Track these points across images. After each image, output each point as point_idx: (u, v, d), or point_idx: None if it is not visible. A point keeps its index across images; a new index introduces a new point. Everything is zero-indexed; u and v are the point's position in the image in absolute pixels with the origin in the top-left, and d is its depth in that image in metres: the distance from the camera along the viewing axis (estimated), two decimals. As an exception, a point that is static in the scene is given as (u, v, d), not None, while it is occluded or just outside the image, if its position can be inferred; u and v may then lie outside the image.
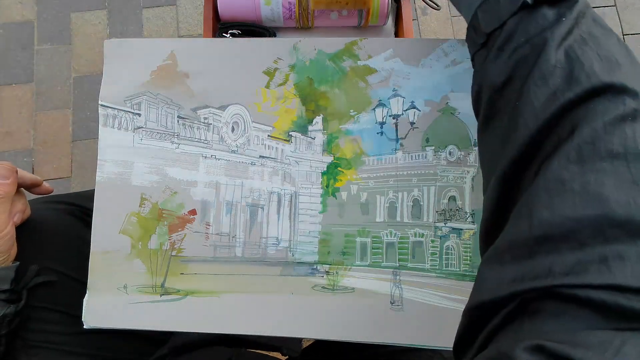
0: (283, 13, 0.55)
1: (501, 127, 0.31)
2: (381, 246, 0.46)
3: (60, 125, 1.08)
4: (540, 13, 0.31)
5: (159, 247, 0.46)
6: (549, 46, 0.29)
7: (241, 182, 0.47)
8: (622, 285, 0.21)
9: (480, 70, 0.34)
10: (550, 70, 0.29)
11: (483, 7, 0.34)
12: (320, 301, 0.45)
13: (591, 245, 0.23)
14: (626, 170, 0.24)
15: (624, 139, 0.25)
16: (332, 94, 0.48)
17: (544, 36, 0.30)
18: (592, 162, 0.25)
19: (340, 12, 0.56)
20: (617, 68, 0.27)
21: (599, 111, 0.26)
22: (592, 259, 0.22)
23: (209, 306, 0.45)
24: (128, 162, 0.47)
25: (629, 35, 1.16)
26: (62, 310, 0.46)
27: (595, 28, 0.30)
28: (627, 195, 0.23)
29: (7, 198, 0.41)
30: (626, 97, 0.26)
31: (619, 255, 0.22)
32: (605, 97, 0.26)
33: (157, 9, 1.15)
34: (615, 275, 0.22)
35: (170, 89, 0.48)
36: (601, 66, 0.27)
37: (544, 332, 0.22)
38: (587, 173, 0.25)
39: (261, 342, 0.53)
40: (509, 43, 0.31)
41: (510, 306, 0.24)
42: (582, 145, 0.25)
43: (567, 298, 0.22)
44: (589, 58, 0.28)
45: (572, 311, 0.22)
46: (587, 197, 0.24)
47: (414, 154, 0.47)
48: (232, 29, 0.56)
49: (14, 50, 1.11)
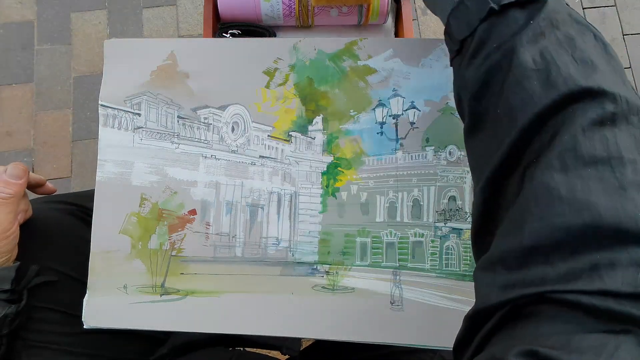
0: (283, 10, 0.55)
1: (484, 134, 0.31)
2: (381, 246, 0.46)
3: (60, 125, 1.08)
4: (510, 17, 0.30)
5: (159, 247, 0.46)
6: (519, 51, 0.29)
7: (241, 182, 0.47)
8: (613, 291, 0.21)
9: (457, 76, 0.34)
10: (525, 75, 0.28)
11: (454, 14, 0.33)
12: (320, 301, 0.45)
13: (582, 253, 0.23)
14: (611, 175, 0.24)
15: (606, 143, 0.25)
16: (332, 94, 0.48)
17: (514, 41, 0.29)
18: (576, 169, 0.25)
19: (340, 9, 0.56)
20: (594, 71, 0.27)
21: (578, 116, 0.26)
22: (583, 266, 0.22)
23: (209, 306, 0.45)
24: (128, 162, 0.47)
25: (629, 35, 1.16)
26: (63, 310, 0.46)
27: (570, 27, 0.29)
28: (615, 201, 0.23)
29: (16, 198, 0.41)
30: (604, 100, 0.26)
31: (609, 263, 0.22)
32: (584, 102, 0.26)
33: (157, 9, 1.15)
34: (606, 282, 0.22)
35: (170, 89, 0.48)
36: (578, 69, 0.27)
37: (538, 336, 0.22)
38: (573, 180, 0.24)
39: (260, 341, 0.53)
40: (480, 50, 0.31)
41: (502, 311, 0.24)
42: (564, 153, 0.25)
43: (558, 302, 0.22)
44: (565, 61, 0.27)
45: (564, 314, 0.22)
46: (575, 204, 0.24)
47: (414, 154, 0.47)
48: (232, 29, 0.56)
49: (14, 50, 1.11)
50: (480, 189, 0.30)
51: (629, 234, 0.22)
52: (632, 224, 0.22)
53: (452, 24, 0.34)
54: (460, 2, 0.32)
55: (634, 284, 0.21)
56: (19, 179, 0.41)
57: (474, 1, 0.31)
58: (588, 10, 1.17)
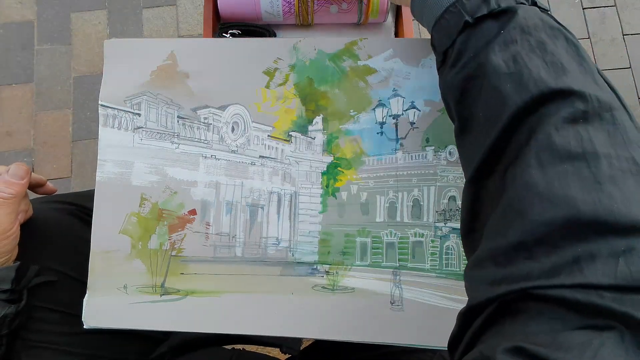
0: (282, 7, 0.55)
1: (470, 136, 0.33)
2: (381, 246, 0.46)
3: (60, 125, 1.08)
4: (484, 28, 0.32)
5: (159, 247, 0.46)
6: (492, 58, 0.31)
7: (241, 182, 0.47)
8: (593, 284, 0.22)
9: (442, 83, 0.36)
10: (499, 79, 0.30)
11: (436, 27, 0.36)
12: (320, 301, 0.45)
13: (563, 247, 0.23)
14: (587, 170, 0.25)
15: (580, 140, 0.26)
16: (332, 94, 0.48)
17: (487, 49, 0.32)
18: (553, 165, 0.26)
19: (340, 6, 0.55)
20: (563, 73, 0.28)
21: (551, 116, 0.27)
22: (566, 260, 0.23)
23: (209, 306, 0.45)
24: (128, 162, 0.47)
25: (629, 35, 1.16)
26: (62, 310, 0.46)
27: (542, 32, 0.31)
28: (592, 195, 0.24)
29: (18, 198, 0.41)
30: (574, 99, 0.27)
31: (590, 255, 0.22)
32: (555, 102, 0.27)
33: (157, 9, 1.15)
34: (586, 275, 0.22)
35: (170, 89, 0.48)
36: (548, 72, 0.29)
37: (525, 333, 0.23)
38: (550, 176, 0.25)
39: (261, 339, 0.53)
40: (459, 59, 0.34)
41: (491, 308, 0.25)
42: (540, 151, 0.26)
43: (543, 298, 0.23)
44: (536, 65, 0.29)
45: (549, 311, 0.23)
46: (554, 199, 0.24)
47: (414, 154, 0.47)
48: (232, 29, 0.56)
49: (14, 50, 1.11)
50: (465, 188, 0.32)
51: (607, 225, 0.23)
52: (610, 216, 0.23)
53: (435, 37, 0.37)
54: (441, 16, 0.35)
55: (613, 275, 0.22)
56: (21, 179, 0.41)
57: (452, 15, 0.34)
58: (588, 10, 1.17)
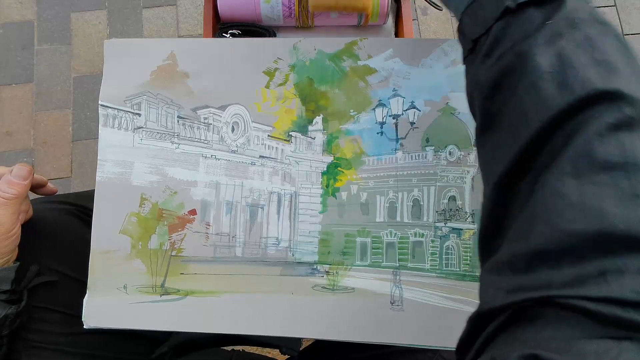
0: (283, 11, 0.55)
1: (495, 135, 0.31)
2: (381, 246, 0.46)
3: (60, 125, 1.08)
4: (527, 16, 0.29)
5: (159, 247, 0.46)
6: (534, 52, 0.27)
7: (241, 182, 0.47)
8: (619, 299, 0.21)
9: (470, 75, 0.33)
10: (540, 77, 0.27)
11: (468, 11, 0.32)
12: (320, 301, 0.45)
13: (590, 260, 0.22)
14: (626, 182, 0.23)
15: (622, 148, 0.24)
16: (332, 94, 0.48)
17: (529, 42, 0.28)
18: (589, 175, 0.24)
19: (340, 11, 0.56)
20: (613, 73, 0.26)
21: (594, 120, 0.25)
22: (591, 272, 0.22)
23: (209, 306, 0.45)
24: (128, 162, 0.47)
25: (629, 35, 1.16)
26: (63, 311, 0.46)
27: (590, 27, 0.28)
28: (627, 209, 0.22)
29: (20, 198, 0.41)
30: (622, 104, 0.25)
31: (618, 269, 0.21)
32: (601, 105, 0.25)
33: (157, 9, 1.15)
34: (613, 289, 0.21)
35: (170, 89, 0.48)
36: (596, 72, 0.26)
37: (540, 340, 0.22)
38: (585, 186, 0.24)
39: (260, 340, 0.53)
40: (494, 50, 0.30)
41: (506, 313, 0.24)
42: (577, 158, 0.24)
43: (563, 307, 0.22)
44: (583, 63, 0.26)
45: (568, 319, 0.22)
46: (586, 211, 0.23)
47: (414, 154, 0.47)
48: (232, 29, 0.56)
49: (14, 50, 1.11)
50: (490, 192, 0.29)
51: None
52: None
53: (465, 22, 0.33)
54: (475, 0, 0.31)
55: None
56: (24, 180, 0.41)
57: None
58: (588, 10, 1.17)
